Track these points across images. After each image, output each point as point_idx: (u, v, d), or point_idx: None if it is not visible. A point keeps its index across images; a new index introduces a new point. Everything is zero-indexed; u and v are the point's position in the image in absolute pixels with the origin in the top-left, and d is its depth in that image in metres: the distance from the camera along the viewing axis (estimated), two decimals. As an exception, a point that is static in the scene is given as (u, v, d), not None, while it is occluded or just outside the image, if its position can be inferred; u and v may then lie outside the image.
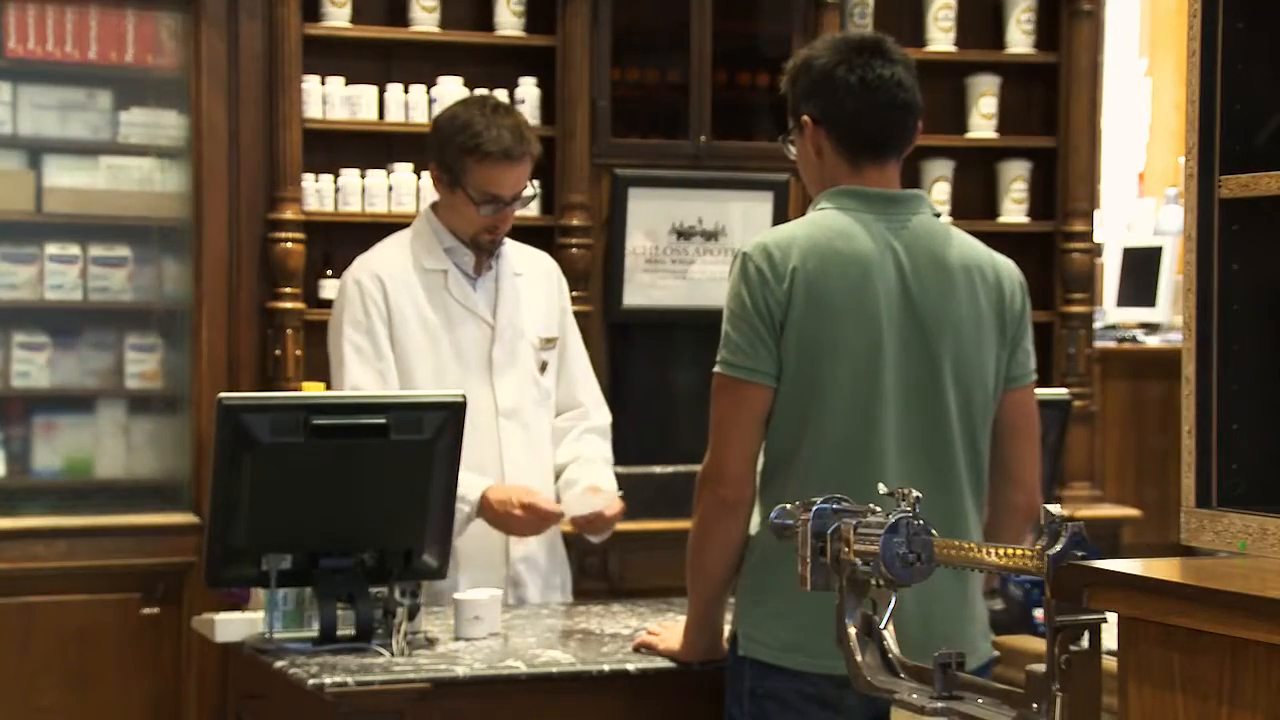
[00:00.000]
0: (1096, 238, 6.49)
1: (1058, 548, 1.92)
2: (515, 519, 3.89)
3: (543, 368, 4.16)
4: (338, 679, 3.21)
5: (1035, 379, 3.32)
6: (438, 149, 4.06)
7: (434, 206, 4.13)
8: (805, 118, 3.23)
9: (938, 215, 3.26)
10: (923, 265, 3.15)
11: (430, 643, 3.49)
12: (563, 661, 3.38)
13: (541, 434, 4.15)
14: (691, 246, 5.75)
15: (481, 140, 3.98)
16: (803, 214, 3.26)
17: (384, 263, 4.08)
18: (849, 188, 3.19)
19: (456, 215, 4.06)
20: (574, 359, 4.26)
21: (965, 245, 3.23)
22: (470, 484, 3.82)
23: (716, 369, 3.15)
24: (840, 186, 3.20)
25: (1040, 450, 3.38)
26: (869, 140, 3.19)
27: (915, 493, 2.13)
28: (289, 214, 5.36)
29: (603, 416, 4.29)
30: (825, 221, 3.16)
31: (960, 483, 3.16)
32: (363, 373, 3.99)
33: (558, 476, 4.16)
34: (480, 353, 4.07)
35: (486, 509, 3.89)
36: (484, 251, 4.08)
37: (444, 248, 4.07)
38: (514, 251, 4.19)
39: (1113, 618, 2.02)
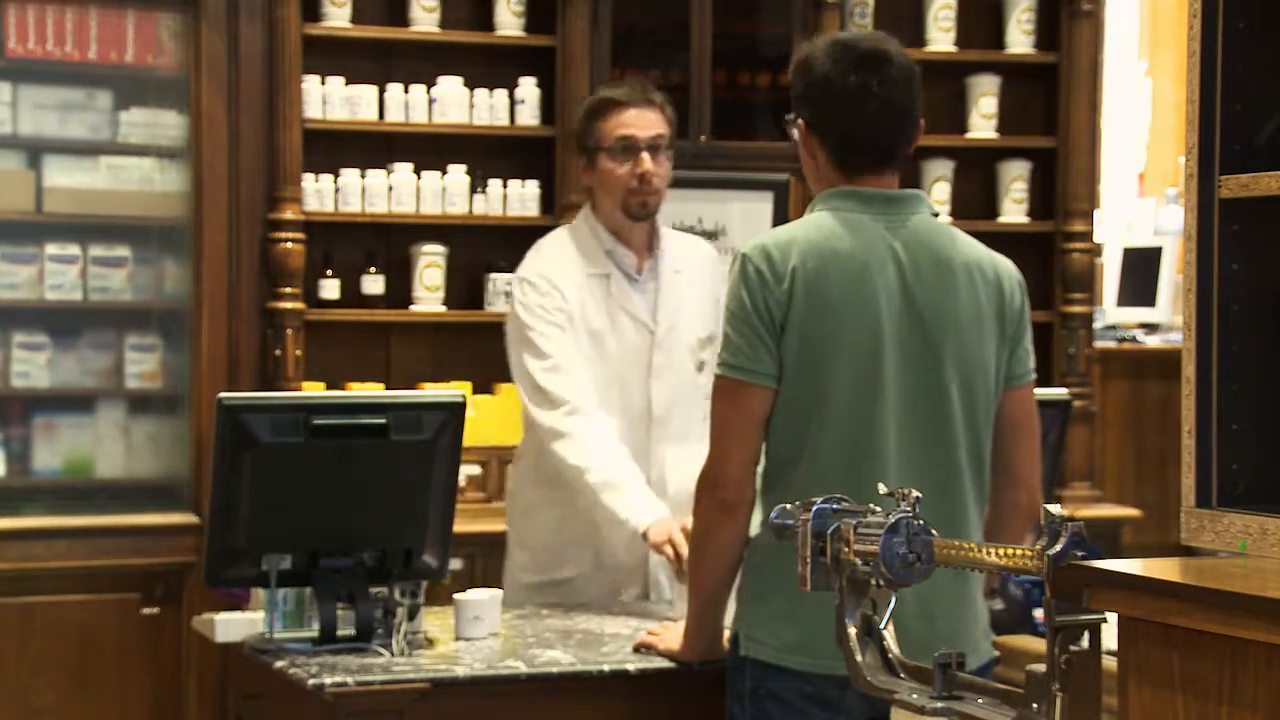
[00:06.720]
0: (1096, 238, 6.50)
1: (1058, 548, 1.92)
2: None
3: (700, 367, 4.12)
4: (338, 679, 3.21)
5: (1035, 378, 3.32)
6: (575, 138, 4.14)
7: (591, 207, 4.11)
8: (801, 122, 3.23)
9: (936, 215, 3.26)
10: (923, 264, 3.15)
11: (430, 643, 3.49)
12: (563, 661, 3.38)
13: (694, 436, 4.07)
14: (691, 246, 5.73)
15: (601, 97, 4.08)
16: (803, 214, 3.26)
17: (552, 266, 4.03)
18: (847, 189, 3.19)
19: (606, 190, 4.02)
20: None
21: (965, 244, 3.23)
22: (641, 511, 3.77)
23: (716, 370, 3.15)
24: (838, 188, 3.20)
25: (1040, 450, 3.38)
26: (862, 152, 3.19)
27: (915, 493, 2.12)
28: (289, 214, 5.36)
29: None
30: (824, 222, 3.16)
31: (962, 480, 3.16)
32: (560, 341, 3.94)
33: None
34: (640, 358, 4.04)
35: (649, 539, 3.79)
36: (638, 219, 4.03)
37: (604, 250, 4.05)
38: (672, 246, 4.16)
39: (1113, 618, 2.02)
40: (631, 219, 4.03)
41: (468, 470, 5.15)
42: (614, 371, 4.00)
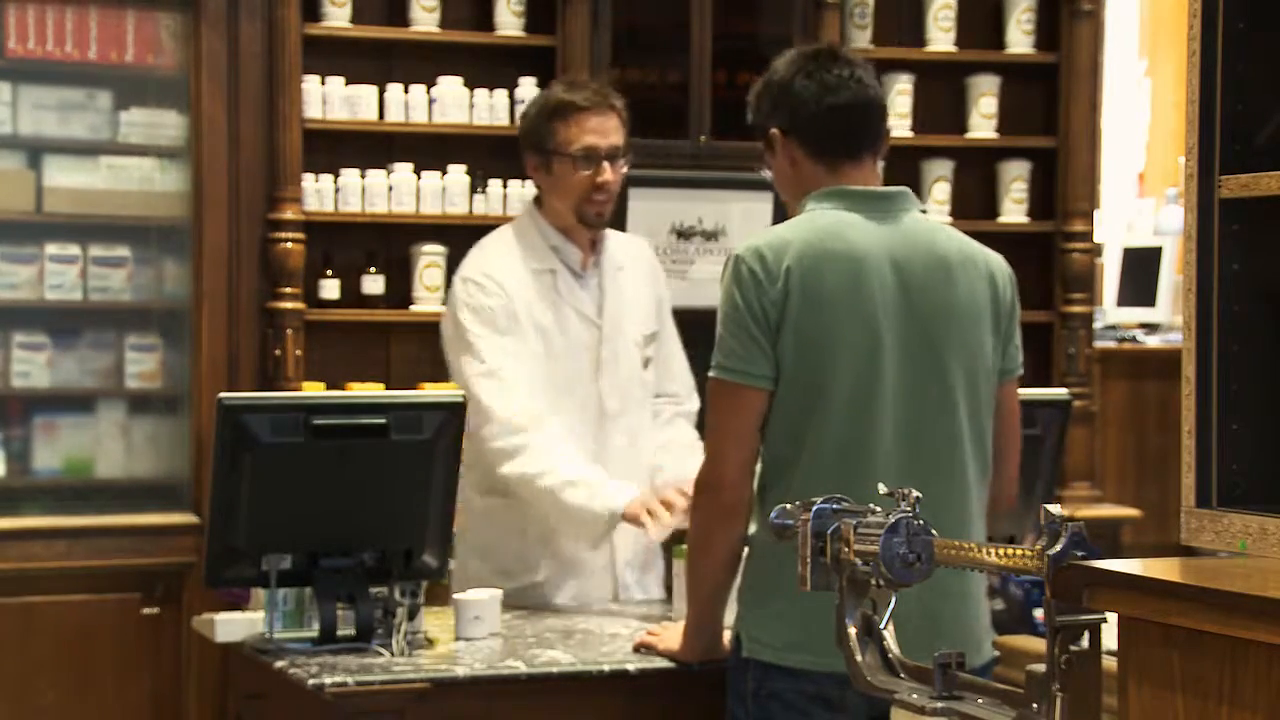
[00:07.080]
0: (1096, 238, 6.50)
1: (1058, 548, 1.92)
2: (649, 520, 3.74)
3: (645, 364, 4.10)
4: (338, 679, 3.21)
5: (1023, 372, 3.34)
6: (526, 135, 4.05)
7: (536, 202, 4.07)
8: (774, 131, 3.25)
9: (925, 212, 3.28)
10: (918, 260, 3.16)
11: (430, 643, 3.49)
12: (563, 661, 3.38)
13: (643, 433, 4.09)
14: (691, 246, 5.74)
15: (562, 99, 3.98)
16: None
17: (496, 264, 3.97)
18: (836, 188, 3.20)
19: (560, 194, 3.97)
20: (668, 345, 4.19)
21: (956, 239, 3.25)
22: (612, 494, 3.75)
23: (711, 373, 3.15)
24: (827, 188, 3.20)
25: (1022, 444, 3.40)
26: (839, 139, 3.21)
27: (915, 493, 2.12)
28: (289, 214, 5.36)
29: (694, 403, 4.20)
30: (817, 222, 3.16)
31: (966, 477, 3.16)
32: (499, 344, 3.88)
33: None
34: (588, 354, 4.00)
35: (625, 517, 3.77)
36: (592, 227, 3.99)
37: (550, 245, 4.00)
38: (613, 243, 4.11)
39: (1113, 618, 2.02)
40: (586, 225, 4.00)
41: (468, 470, 5.13)
42: (562, 369, 3.97)
